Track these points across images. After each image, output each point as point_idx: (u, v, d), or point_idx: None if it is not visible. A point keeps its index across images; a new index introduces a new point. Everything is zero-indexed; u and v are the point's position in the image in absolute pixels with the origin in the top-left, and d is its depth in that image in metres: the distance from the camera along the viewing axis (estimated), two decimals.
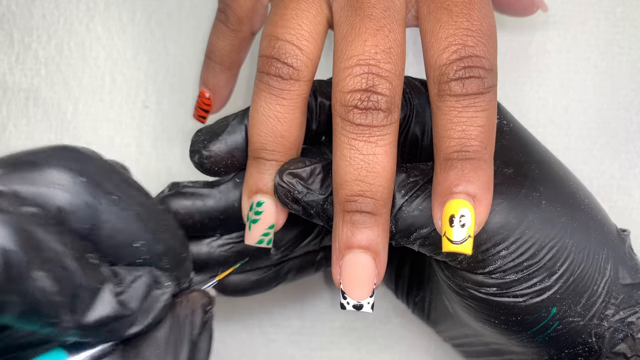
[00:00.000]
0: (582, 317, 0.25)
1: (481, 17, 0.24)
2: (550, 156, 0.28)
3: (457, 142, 0.23)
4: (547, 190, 0.26)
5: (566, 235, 0.25)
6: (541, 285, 0.25)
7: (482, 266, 0.25)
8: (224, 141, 0.27)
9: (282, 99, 0.25)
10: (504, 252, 0.24)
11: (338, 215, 0.24)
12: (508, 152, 0.26)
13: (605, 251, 0.26)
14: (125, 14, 0.38)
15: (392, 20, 0.24)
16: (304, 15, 0.25)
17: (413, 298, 0.33)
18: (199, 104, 0.35)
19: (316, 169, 0.26)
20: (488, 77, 0.24)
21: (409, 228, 0.25)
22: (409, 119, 0.28)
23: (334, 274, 0.25)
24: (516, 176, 0.25)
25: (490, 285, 0.25)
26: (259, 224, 0.27)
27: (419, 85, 0.28)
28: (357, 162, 0.24)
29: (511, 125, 0.27)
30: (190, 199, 0.28)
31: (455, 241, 0.23)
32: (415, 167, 0.26)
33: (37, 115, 0.38)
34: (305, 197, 0.25)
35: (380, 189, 0.24)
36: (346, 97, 0.24)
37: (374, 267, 0.24)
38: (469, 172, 0.23)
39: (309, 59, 0.25)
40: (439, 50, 0.24)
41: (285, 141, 0.26)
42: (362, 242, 0.24)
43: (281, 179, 0.25)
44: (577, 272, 0.25)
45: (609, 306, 0.26)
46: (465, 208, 0.23)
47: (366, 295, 0.24)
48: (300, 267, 0.32)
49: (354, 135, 0.24)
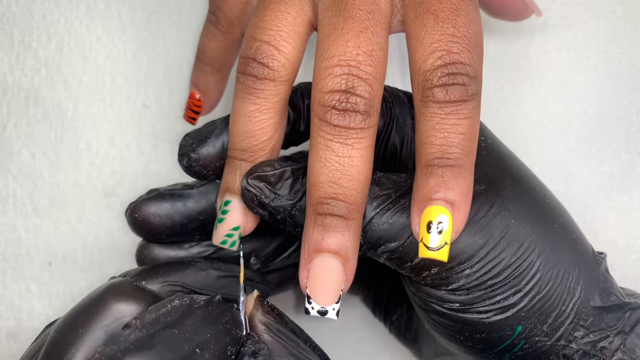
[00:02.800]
0: (549, 337, 0.25)
1: (467, 24, 0.24)
2: (527, 173, 0.27)
3: (438, 149, 0.23)
4: (518, 208, 0.25)
5: (534, 254, 0.25)
6: (505, 302, 0.25)
7: (445, 283, 0.25)
8: (212, 144, 0.27)
9: (255, 98, 0.25)
10: (468, 271, 0.24)
11: (310, 217, 0.24)
12: (483, 167, 0.26)
13: (576, 271, 0.26)
14: (125, 14, 0.38)
15: (375, 23, 0.24)
16: (283, 17, 0.25)
17: (390, 317, 0.33)
18: (189, 105, 0.35)
19: (285, 173, 0.25)
20: (472, 84, 0.23)
21: (378, 241, 0.25)
22: (389, 127, 0.27)
23: (301, 278, 0.24)
24: (487, 193, 0.25)
25: (453, 301, 0.25)
26: (224, 223, 0.26)
27: (401, 96, 0.28)
28: (331, 164, 0.23)
29: (489, 141, 0.27)
30: (169, 201, 0.28)
31: (431, 247, 0.23)
32: (389, 178, 0.26)
33: (37, 115, 0.38)
34: (273, 202, 0.25)
35: (354, 192, 0.23)
36: (325, 97, 0.23)
37: (343, 272, 0.24)
38: (449, 179, 0.23)
39: (287, 60, 0.25)
40: (423, 55, 0.24)
41: (255, 141, 0.26)
42: (331, 246, 0.24)
43: (247, 182, 0.25)
44: (543, 291, 0.25)
45: (577, 328, 0.25)
46: (443, 215, 0.23)
47: (332, 301, 0.24)
48: (280, 281, 0.31)
49: (331, 137, 0.23)
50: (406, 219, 0.24)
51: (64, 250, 0.37)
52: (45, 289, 0.37)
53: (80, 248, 0.37)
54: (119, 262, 0.37)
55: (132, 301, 0.23)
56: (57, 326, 0.23)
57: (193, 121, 0.35)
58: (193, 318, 0.23)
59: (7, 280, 0.37)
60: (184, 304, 0.24)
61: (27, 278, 0.37)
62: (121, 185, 0.37)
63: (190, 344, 0.22)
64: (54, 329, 0.22)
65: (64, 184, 0.37)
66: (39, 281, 0.37)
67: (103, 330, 0.22)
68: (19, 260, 0.37)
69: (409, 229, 0.24)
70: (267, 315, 0.25)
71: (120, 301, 0.23)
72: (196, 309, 0.23)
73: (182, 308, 0.23)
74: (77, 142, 0.38)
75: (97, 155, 0.37)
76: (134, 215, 0.28)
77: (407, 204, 0.25)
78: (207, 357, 0.22)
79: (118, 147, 0.38)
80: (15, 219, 0.37)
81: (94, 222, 0.37)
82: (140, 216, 0.28)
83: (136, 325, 0.22)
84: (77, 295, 0.37)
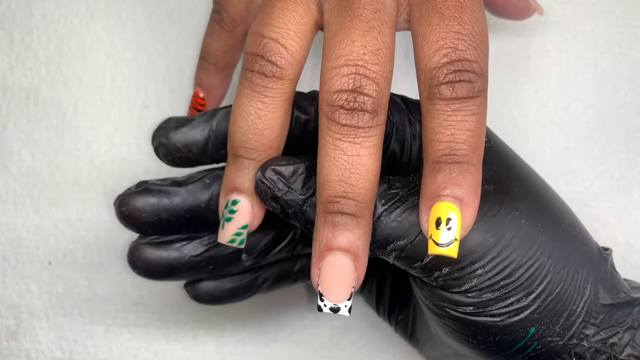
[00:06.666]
0: (561, 337, 0.25)
1: (472, 21, 0.24)
2: (532, 174, 0.28)
3: (445, 146, 0.23)
4: (527, 208, 0.25)
5: (544, 255, 0.25)
6: (518, 304, 0.25)
7: (458, 284, 0.25)
8: (184, 134, 0.27)
9: (264, 97, 0.25)
10: (480, 271, 0.24)
11: (320, 216, 0.24)
12: (490, 168, 0.26)
13: (585, 271, 0.26)
14: (125, 14, 0.38)
15: (381, 22, 0.24)
16: (291, 15, 0.25)
17: (395, 317, 0.33)
18: (193, 104, 0.35)
19: (299, 169, 0.25)
20: (478, 81, 0.23)
21: (387, 239, 0.25)
22: (389, 135, 0.27)
23: (313, 276, 0.24)
24: (496, 193, 0.25)
25: (467, 304, 0.25)
26: (232, 222, 0.26)
27: (398, 102, 0.28)
28: (340, 163, 0.23)
29: (492, 142, 0.27)
30: (156, 196, 0.28)
31: (441, 244, 0.23)
32: (398, 178, 0.26)
33: (37, 114, 0.38)
34: (285, 195, 0.25)
35: (363, 190, 0.24)
36: (333, 96, 0.23)
37: (354, 270, 0.24)
38: (457, 176, 0.23)
39: (294, 58, 0.25)
40: (429, 53, 0.24)
41: (264, 139, 0.26)
42: (342, 244, 0.24)
43: (263, 175, 0.25)
44: (555, 292, 0.25)
45: (588, 326, 0.25)
46: (452, 211, 0.23)
47: (344, 298, 0.24)
48: (277, 278, 0.31)
49: (339, 136, 0.23)
50: (415, 217, 0.24)
51: (64, 250, 0.37)
52: (45, 288, 0.37)
53: (80, 248, 0.37)
54: (119, 262, 0.37)
55: None
56: None
57: None
58: None
59: (7, 279, 0.37)
60: None
61: (27, 278, 0.37)
62: (121, 185, 0.37)
63: None
64: None
65: (64, 183, 0.37)
66: (39, 281, 0.37)
67: None
68: (19, 259, 0.37)
69: (418, 226, 0.24)
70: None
71: None
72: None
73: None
74: (77, 142, 0.38)
75: (97, 156, 0.38)
76: (121, 208, 0.28)
77: (415, 202, 0.25)
78: None
79: (118, 147, 0.38)
80: (15, 219, 0.37)
81: (94, 222, 0.37)
82: (127, 210, 0.28)
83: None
84: (77, 295, 0.37)
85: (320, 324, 0.37)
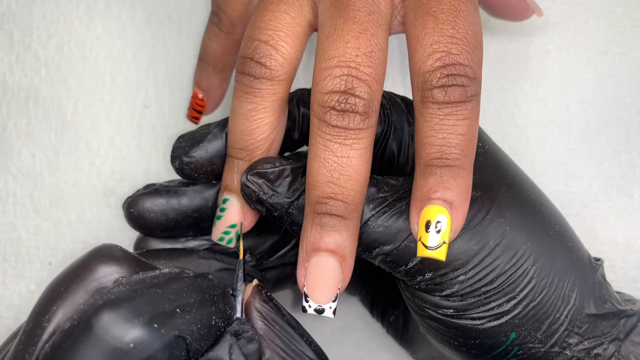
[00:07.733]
0: (543, 344, 0.25)
1: (467, 25, 0.24)
2: (524, 180, 0.28)
3: (437, 150, 0.23)
4: (514, 215, 0.25)
5: (529, 261, 0.25)
6: (499, 309, 0.25)
7: (439, 289, 0.25)
8: (205, 148, 0.28)
9: (253, 97, 0.25)
10: (462, 277, 0.24)
11: (308, 217, 0.24)
12: (479, 173, 0.26)
13: (571, 279, 0.26)
14: (125, 14, 0.38)
15: (375, 25, 0.24)
16: (282, 17, 0.25)
17: (388, 318, 0.33)
18: (192, 105, 0.35)
19: (285, 171, 0.25)
20: (471, 85, 0.23)
21: (373, 243, 0.25)
22: (387, 134, 0.27)
23: (299, 276, 0.24)
24: (483, 200, 0.25)
25: (447, 307, 0.25)
26: (221, 221, 0.27)
27: (399, 102, 0.28)
28: (330, 164, 0.24)
29: (486, 147, 0.27)
30: (164, 197, 0.28)
31: (430, 247, 0.23)
32: (386, 182, 0.26)
33: (37, 115, 0.38)
34: (271, 199, 0.25)
35: (352, 192, 0.24)
36: (324, 97, 0.24)
37: (340, 271, 0.24)
38: (448, 179, 0.23)
39: (285, 60, 0.25)
40: (423, 56, 0.24)
41: (252, 139, 0.26)
42: (329, 246, 0.24)
43: (247, 178, 0.25)
44: (538, 299, 0.25)
45: (572, 335, 0.25)
46: (441, 214, 0.23)
47: (329, 300, 0.24)
48: (278, 280, 0.31)
49: (330, 137, 0.24)
50: (402, 223, 0.25)
51: (64, 250, 0.37)
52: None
53: (80, 248, 0.37)
54: None
55: (118, 265, 0.23)
56: (44, 290, 0.22)
57: (196, 120, 0.36)
58: (179, 284, 0.23)
59: (7, 280, 0.37)
60: (173, 272, 0.23)
61: (27, 278, 0.37)
62: (121, 185, 0.37)
63: (172, 304, 0.21)
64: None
65: (64, 184, 0.37)
66: (39, 281, 0.37)
67: (84, 290, 0.22)
68: (19, 260, 0.37)
69: (405, 232, 0.24)
70: (263, 303, 0.25)
71: (106, 264, 0.22)
72: (184, 278, 0.23)
73: (170, 275, 0.23)
74: (77, 142, 0.38)
75: (97, 156, 0.38)
76: (130, 209, 0.28)
77: (403, 208, 0.25)
78: (188, 318, 0.21)
79: (118, 147, 0.38)
80: (15, 219, 0.37)
81: (94, 222, 0.37)
82: (136, 211, 0.28)
83: (121, 282, 0.22)
84: None
85: (320, 324, 0.37)
